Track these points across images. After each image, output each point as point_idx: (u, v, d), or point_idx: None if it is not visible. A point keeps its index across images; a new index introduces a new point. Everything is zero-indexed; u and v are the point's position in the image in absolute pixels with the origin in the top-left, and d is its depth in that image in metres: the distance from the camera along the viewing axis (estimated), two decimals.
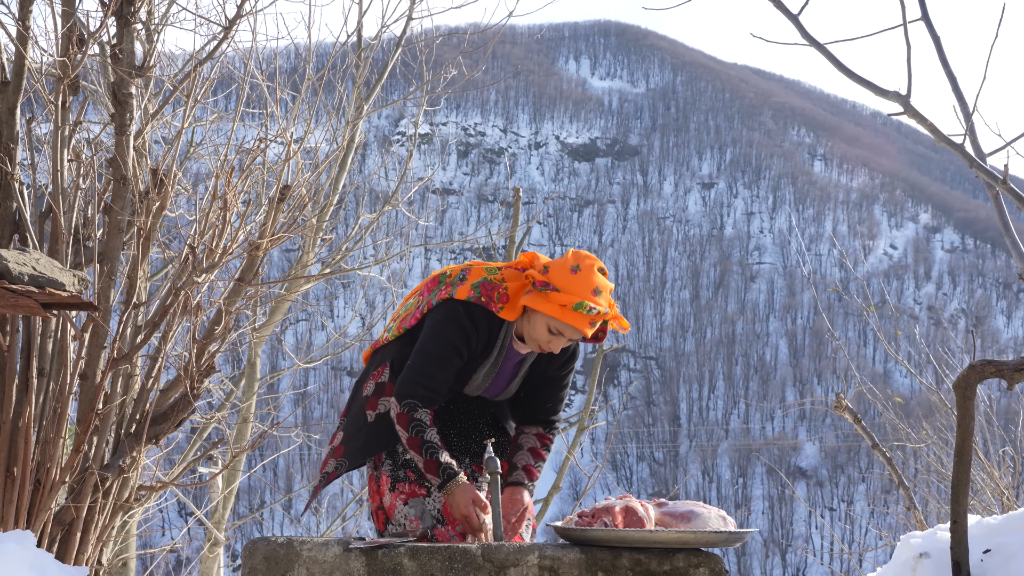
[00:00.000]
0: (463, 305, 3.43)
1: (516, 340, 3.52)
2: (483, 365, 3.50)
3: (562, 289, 3.34)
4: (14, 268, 3.51)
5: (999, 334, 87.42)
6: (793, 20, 3.47)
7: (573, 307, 3.31)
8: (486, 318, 3.45)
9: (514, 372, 3.58)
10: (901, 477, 6.79)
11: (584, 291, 3.33)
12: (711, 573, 2.96)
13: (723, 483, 78.33)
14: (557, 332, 3.38)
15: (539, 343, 3.43)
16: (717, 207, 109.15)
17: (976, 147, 3.45)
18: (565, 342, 3.42)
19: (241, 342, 7.41)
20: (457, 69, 9.73)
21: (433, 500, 3.45)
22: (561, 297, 3.32)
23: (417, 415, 3.36)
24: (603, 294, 3.38)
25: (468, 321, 3.42)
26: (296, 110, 8.31)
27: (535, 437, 3.62)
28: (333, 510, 14.25)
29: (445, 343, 3.41)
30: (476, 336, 3.43)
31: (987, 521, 3.28)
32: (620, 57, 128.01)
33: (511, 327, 3.49)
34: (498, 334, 3.49)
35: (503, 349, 3.50)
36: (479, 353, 3.48)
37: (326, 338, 10.40)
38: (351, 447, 3.55)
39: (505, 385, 3.58)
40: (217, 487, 9.23)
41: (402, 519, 3.44)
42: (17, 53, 4.37)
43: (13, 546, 3.25)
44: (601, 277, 3.38)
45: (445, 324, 3.43)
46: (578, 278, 3.35)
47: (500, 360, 3.51)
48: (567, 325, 3.35)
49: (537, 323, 3.40)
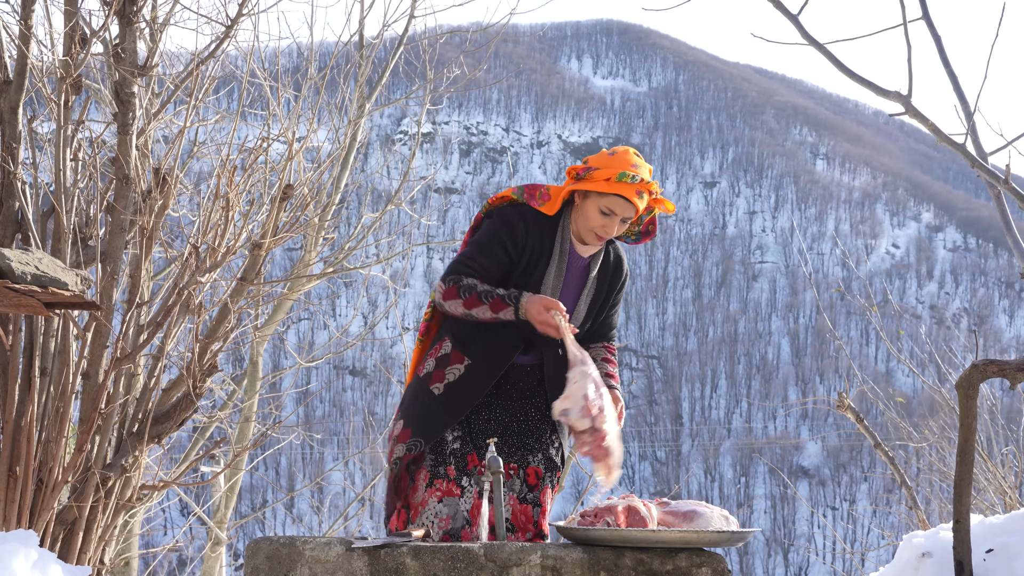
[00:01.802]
0: (508, 203, 3.57)
1: (577, 243, 3.58)
2: (548, 269, 3.53)
3: (602, 166, 3.45)
4: (17, 267, 3.51)
5: (1001, 333, 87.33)
6: (793, 20, 3.47)
7: (617, 178, 3.41)
8: (534, 215, 3.53)
9: (581, 282, 3.60)
10: (903, 476, 6.79)
11: (623, 164, 3.45)
12: (713, 573, 2.97)
13: (725, 482, 78.31)
14: (609, 211, 3.46)
15: (594, 231, 3.49)
16: (719, 206, 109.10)
17: (978, 146, 3.45)
18: (618, 223, 3.48)
19: (243, 341, 7.41)
20: (459, 68, 9.73)
21: (465, 500, 3.45)
22: (603, 173, 3.43)
23: (464, 282, 3.46)
24: (642, 168, 3.48)
25: (512, 212, 3.52)
26: (298, 109, 8.31)
27: (603, 348, 3.72)
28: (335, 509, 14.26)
29: (488, 231, 3.52)
30: (521, 227, 3.50)
31: (990, 520, 3.28)
32: (622, 56, 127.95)
33: (567, 226, 3.55)
34: (554, 236, 3.54)
35: (564, 252, 3.54)
36: (538, 256, 3.51)
37: (328, 337, 10.40)
38: (420, 426, 3.53)
39: (575, 298, 3.60)
40: (219, 486, 9.24)
41: (432, 517, 3.43)
42: (19, 52, 4.37)
43: (15, 546, 3.26)
44: (637, 158, 3.50)
45: (488, 221, 3.56)
46: (615, 157, 3.48)
47: (564, 264, 3.55)
48: (614, 196, 3.43)
49: (588, 209, 3.48)
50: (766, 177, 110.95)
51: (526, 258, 3.51)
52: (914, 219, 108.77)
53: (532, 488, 3.58)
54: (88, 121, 4.89)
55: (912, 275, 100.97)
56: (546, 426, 3.65)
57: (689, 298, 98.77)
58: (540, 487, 3.59)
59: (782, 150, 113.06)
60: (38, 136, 5.13)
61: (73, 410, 4.41)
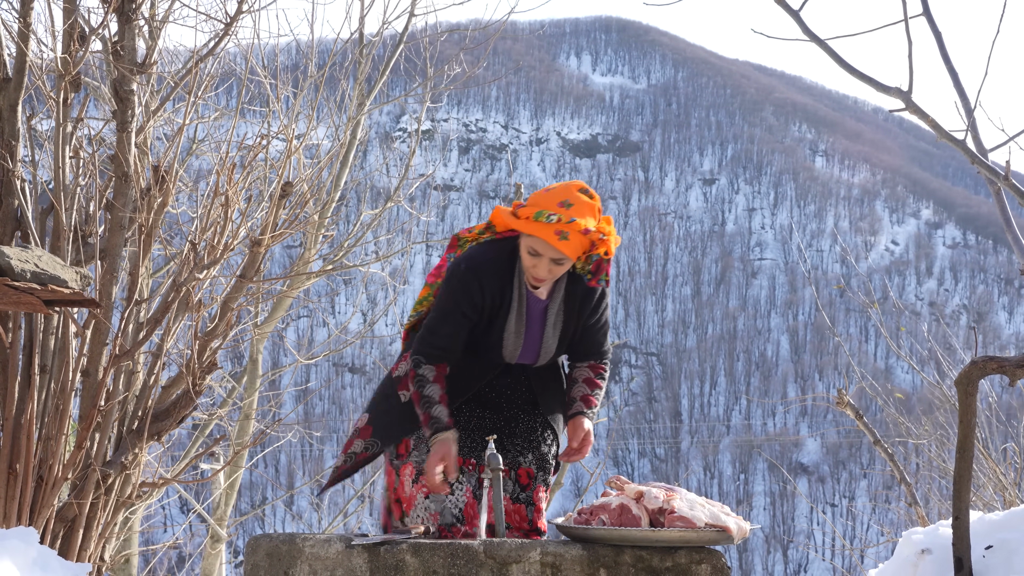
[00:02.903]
0: (465, 260, 3.45)
1: (531, 288, 3.49)
2: (508, 321, 3.47)
3: (529, 204, 3.33)
4: (16, 265, 3.51)
5: (1001, 330, 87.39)
6: (794, 16, 3.47)
7: (534, 217, 3.27)
8: (490, 266, 3.43)
9: (542, 323, 3.52)
10: (903, 473, 6.79)
11: (548, 203, 3.29)
12: (713, 569, 2.97)
13: (724, 479, 78.35)
14: (533, 251, 3.33)
15: (528, 272, 3.39)
16: (718, 203, 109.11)
17: (978, 143, 3.45)
18: (547, 264, 3.33)
19: (243, 339, 7.41)
20: (459, 65, 9.73)
21: (455, 499, 3.43)
22: (526, 211, 3.31)
23: (421, 371, 3.40)
24: (576, 208, 3.29)
25: (469, 272, 3.41)
26: (298, 106, 8.31)
27: (588, 368, 3.61)
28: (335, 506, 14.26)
29: (447, 298, 3.43)
30: (476, 289, 3.41)
31: (989, 517, 3.28)
32: (621, 53, 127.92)
33: (522, 275, 3.45)
34: (512, 282, 3.46)
35: (522, 298, 3.47)
36: (498, 306, 3.45)
37: (327, 335, 10.40)
38: (381, 426, 3.56)
39: (538, 340, 3.53)
40: (219, 483, 9.24)
41: (422, 511, 3.42)
42: (18, 49, 4.37)
43: (16, 543, 3.26)
44: (580, 195, 3.32)
45: (450, 280, 3.46)
46: (548, 194, 3.33)
47: (523, 310, 3.48)
48: (534, 238, 3.29)
49: (521, 252, 3.39)
50: (765, 174, 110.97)
51: (486, 315, 3.46)
52: (913, 216, 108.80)
53: (524, 488, 3.57)
54: (87, 119, 4.89)
55: (911, 272, 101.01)
56: (536, 424, 3.63)
57: (688, 295, 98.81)
58: (532, 486, 3.58)
59: (781, 147, 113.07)
60: (37, 134, 5.13)
61: (73, 407, 4.41)
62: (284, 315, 9.36)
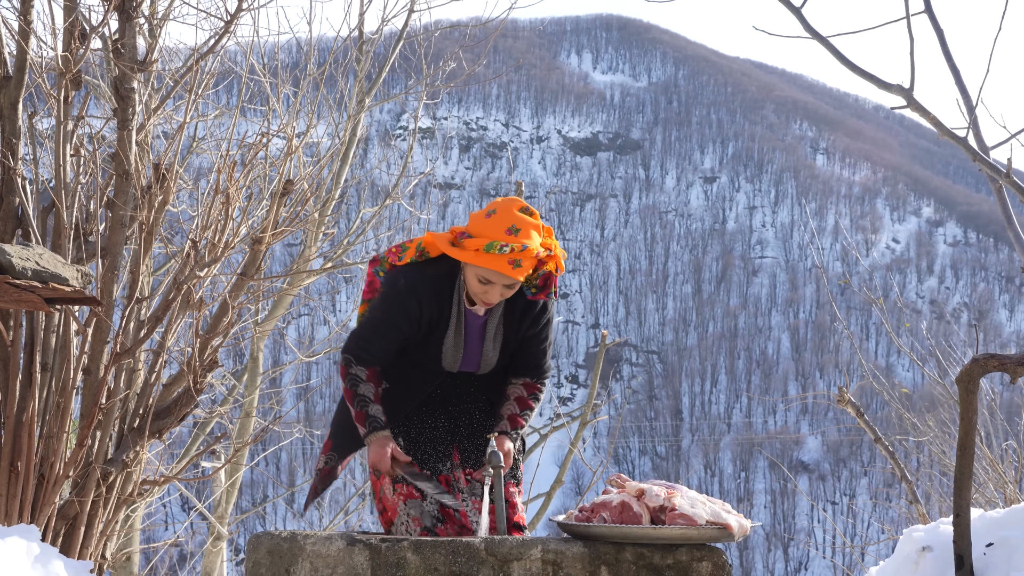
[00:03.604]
0: (404, 275, 3.42)
1: (468, 304, 3.47)
2: (447, 335, 3.46)
3: (475, 234, 3.30)
4: (17, 263, 3.51)
5: (1002, 328, 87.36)
6: (796, 13, 3.47)
7: (484, 248, 3.24)
8: (429, 281, 3.41)
9: (481, 337, 3.51)
10: (904, 471, 6.79)
11: (497, 232, 3.27)
12: (714, 567, 2.97)
13: (725, 477, 78.38)
14: (484, 280, 3.32)
15: (478, 297, 3.37)
16: (719, 201, 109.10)
17: (979, 140, 3.44)
18: (500, 290, 3.34)
19: (243, 337, 7.41)
20: (458, 63, 9.73)
21: (430, 502, 3.44)
22: (475, 242, 3.27)
23: (353, 370, 3.41)
24: (524, 231, 3.27)
25: (407, 289, 3.40)
26: (298, 104, 8.31)
27: (522, 387, 3.57)
28: (336, 504, 14.28)
29: (383, 311, 3.43)
30: (414, 305, 3.39)
31: (990, 515, 3.28)
32: (622, 51, 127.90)
33: (461, 291, 3.44)
34: (451, 298, 3.44)
35: (460, 315, 3.45)
36: (436, 321, 3.43)
37: (328, 332, 10.41)
38: (338, 440, 3.60)
39: (478, 353, 3.52)
40: (220, 481, 9.24)
41: (405, 517, 3.44)
42: (19, 48, 4.36)
43: (17, 540, 3.26)
44: (522, 216, 3.30)
45: (386, 294, 3.45)
46: (491, 221, 3.30)
47: (461, 326, 3.46)
48: (486, 270, 3.28)
49: (468, 276, 3.37)
50: (766, 172, 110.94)
51: (423, 329, 3.45)
52: (914, 214, 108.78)
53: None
54: (88, 117, 4.89)
55: (912, 270, 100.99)
56: (494, 422, 3.61)
57: (689, 293, 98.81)
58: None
59: (782, 145, 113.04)
60: (38, 132, 5.13)
61: (74, 405, 4.41)
62: (285, 313, 9.36)
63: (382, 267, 3.61)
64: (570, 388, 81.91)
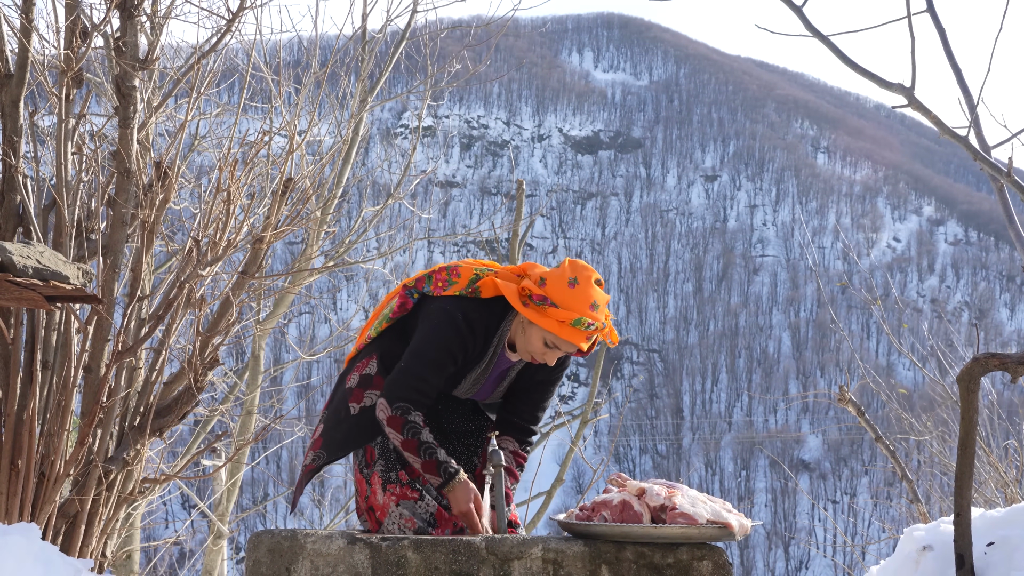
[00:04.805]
0: (462, 312, 3.38)
1: (507, 349, 3.48)
2: (474, 370, 3.47)
3: (560, 304, 3.28)
4: (18, 261, 3.51)
5: (1002, 327, 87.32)
6: (797, 12, 3.46)
7: (572, 323, 3.26)
8: (483, 324, 3.40)
9: (501, 378, 3.56)
10: (904, 470, 6.79)
11: (583, 306, 3.27)
12: (714, 566, 2.97)
13: (726, 476, 78.37)
14: (553, 346, 3.34)
15: (533, 355, 3.39)
16: (720, 200, 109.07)
17: (980, 139, 3.44)
18: (559, 355, 3.39)
19: (245, 335, 7.41)
20: (461, 62, 9.73)
21: (425, 504, 3.42)
22: (560, 313, 3.26)
23: (411, 417, 3.30)
24: (600, 308, 3.32)
25: (466, 327, 3.37)
26: (300, 103, 8.30)
27: (511, 452, 3.58)
28: (336, 503, 14.27)
29: (442, 349, 3.35)
30: (473, 342, 3.39)
31: (991, 514, 3.28)
32: (623, 50, 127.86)
33: (504, 335, 3.45)
34: (492, 339, 3.45)
35: (495, 356, 3.47)
36: (474, 359, 3.45)
37: (329, 331, 10.41)
38: (330, 439, 3.51)
39: (492, 390, 3.58)
40: (221, 480, 9.25)
41: (396, 519, 3.41)
42: (20, 45, 4.36)
43: (18, 539, 3.26)
44: (598, 290, 3.32)
45: (443, 328, 3.37)
46: (576, 293, 3.28)
47: (491, 367, 3.49)
48: (564, 341, 3.31)
49: (533, 336, 3.36)
50: (767, 171, 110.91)
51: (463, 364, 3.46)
52: (915, 213, 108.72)
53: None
54: (89, 115, 4.89)
55: (913, 269, 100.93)
56: (484, 422, 3.65)
57: (690, 292, 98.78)
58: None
59: (783, 144, 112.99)
60: (39, 130, 5.13)
61: (75, 404, 4.41)
62: (286, 311, 9.36)
63: (415, 291, 3.53)
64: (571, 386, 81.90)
